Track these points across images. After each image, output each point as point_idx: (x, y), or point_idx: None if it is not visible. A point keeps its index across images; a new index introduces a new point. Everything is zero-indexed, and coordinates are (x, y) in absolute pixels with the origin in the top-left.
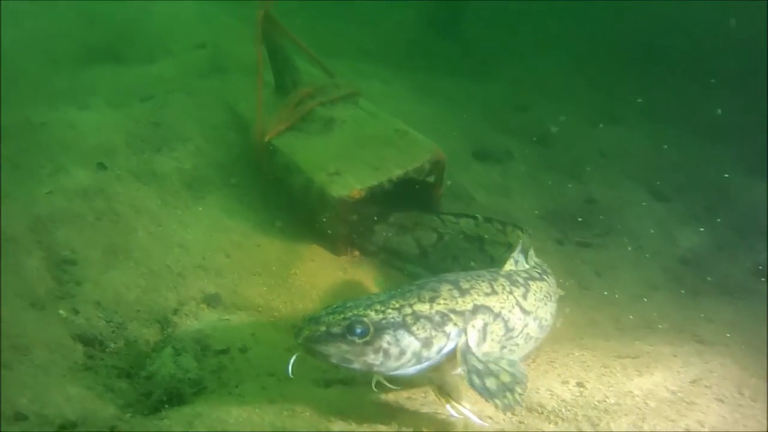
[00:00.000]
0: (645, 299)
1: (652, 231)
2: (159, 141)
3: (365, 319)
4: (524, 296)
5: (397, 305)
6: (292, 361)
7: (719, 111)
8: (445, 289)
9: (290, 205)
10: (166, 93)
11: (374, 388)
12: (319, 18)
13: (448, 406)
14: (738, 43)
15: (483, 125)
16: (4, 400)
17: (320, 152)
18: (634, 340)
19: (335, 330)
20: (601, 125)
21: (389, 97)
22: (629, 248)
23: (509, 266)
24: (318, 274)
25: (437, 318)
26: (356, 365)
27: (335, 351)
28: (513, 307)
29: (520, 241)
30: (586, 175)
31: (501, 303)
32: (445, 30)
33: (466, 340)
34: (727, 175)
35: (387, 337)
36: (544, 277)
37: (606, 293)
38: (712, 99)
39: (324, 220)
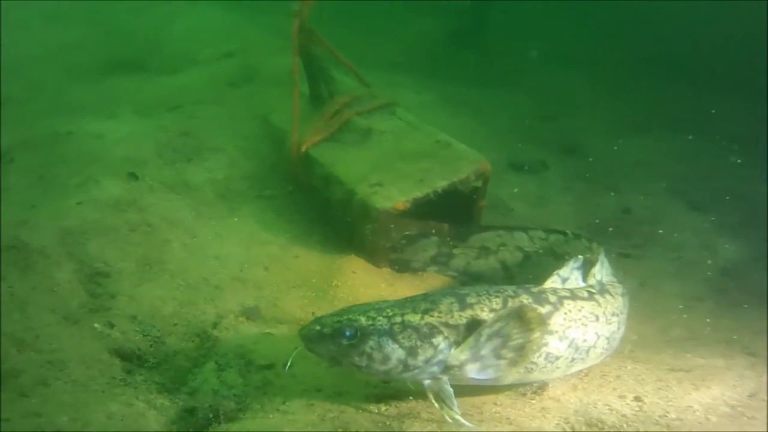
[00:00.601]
0: (690, 311)
1: (690, 241)
2: (190, 151)
3: (355, 324)
4: (548, 315)
5: (390, 313)
6: (293, 356)
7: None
8: (446, 302)
9: (328, 217)
10: (195, 103)
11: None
12: (344, 29)
13: (438, 409)
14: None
15: (514, 136)
16: (44, 417)
17: (360, 163)
18: (685, 352)
19: (327, 331)
20: (619, 134)
21: (421, 107)
22: (669, 259)
23: (550, 283)
24: (360, 286)
25: (425, 329)
26: (344, 365)
27: (325, 350)
28: None
29: (568, 258)
30: (620, 185)
31: None
32: (466, 41)
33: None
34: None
35: (371, 343)
36: (596, 296)
37: (652, 305)
38: (735, 109)
39: (366, 232)
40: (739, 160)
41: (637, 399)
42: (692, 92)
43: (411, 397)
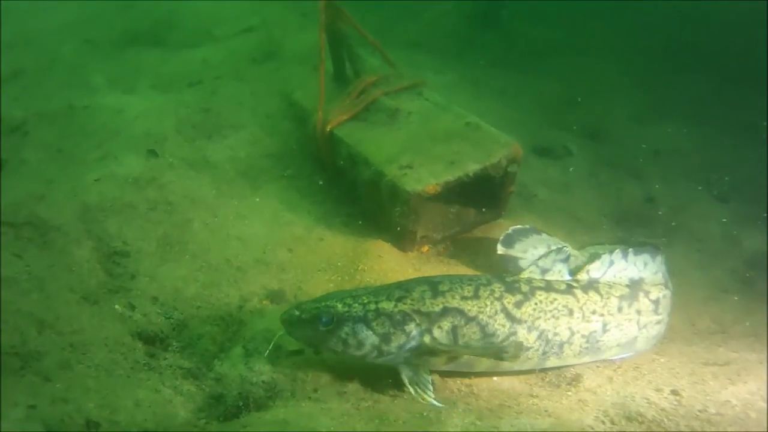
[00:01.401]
0: (717, 302)
1: (713, 231)
2: (210, 128)
3: (331, 310)
4: (518, 304)
5: (365, 301)
6: (274, 340)
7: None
8: (418, 290)
9: (353, 198)
10: (216, 78)
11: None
12: (363, 6)
13: (413, 393)
14: None
15: (538, 120)
16: (71, 403)
17: (389, 144)
18: (716, 345)
19: (305, 317)
20: (642, 120)
21: (443, 88)
22: (693, 249)
23: (527, 273)
24: (387, 270)
25: (398, 317)
26: (322, 350)
27: (304, 335)
28: (495, 314)
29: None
30: (643, 172)
31: (479, 307)
32: (486, 22)
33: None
34: None
35: (346, 329)
36: (576, 291)
37: (677, 295)
38: (761, 99)
39: (395, 215)
40: (763, 151)
41: (674, 393)
42: (717, 81)
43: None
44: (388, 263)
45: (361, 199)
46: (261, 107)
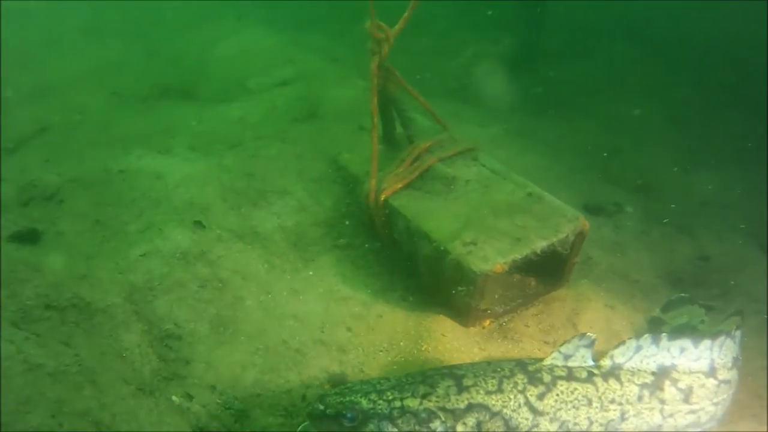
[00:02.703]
0: None
1: None
2: (255, 194)
3: (357, 407)
4: (540, 396)
5: (390, 397)
6: (299, 430)
7: None
8: (443, 385)
9: (409, 270)
10: (256, 139)
11: None
12: (397, 53)
13: None
14: None
15: (584, 173)
16: None
17: (449, 218)
18: None
19: (330, 411)
20: (685, 168)
21: (489, 143)
22: (751, 312)
23: (549, 360)
24: (451, 351)
25: (423, 414)
26: None
27: (328, 429)
28: (519, 407)
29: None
30: (694, 228)
31: (503, 402)
32: (522, 63)
33: None
34: None
35: (371, 426)
36: (596, 379)
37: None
38: None
39: (460, 294)
40: None
41: None
42: (758, 121)
43: None
44: (451, 343)
45: (419, 273)
46: (306, 171)
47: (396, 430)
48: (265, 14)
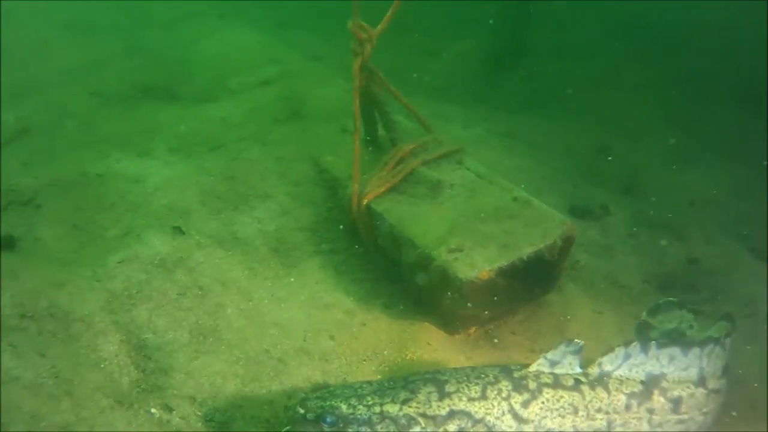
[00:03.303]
0: None
1: (762, 295)
2: (236, 198)
3: (336, 411)
4: (525, 404)
5: (370, 402)
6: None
7: None
8: (424, 391)
9: (393, 276)
10: (238, 141)
11: None
12: (374, 52)
13: None
14: None
15: (570, 174)
16: None
17: (434, 223)
18: None
19: (309, 416)
20: (674, 166)
21: (472, 144)
22: (741, 315)
23: (535, 366)
24: (437, 360)
25: (403, 420)
26: None
27: None
28: (503, 414)
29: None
30: (682, 229)
31: (487, 409)
32: (506, 62)
33: None
34: None
35: (351, 431)
36: (582, 387)
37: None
38: None
39: (445, 301)
40: None
41: None
42: (748, 116)
43: None
44: (437, 351)
45: (404, 279)
46: (288, 174)
47: None
48: (248, 12)
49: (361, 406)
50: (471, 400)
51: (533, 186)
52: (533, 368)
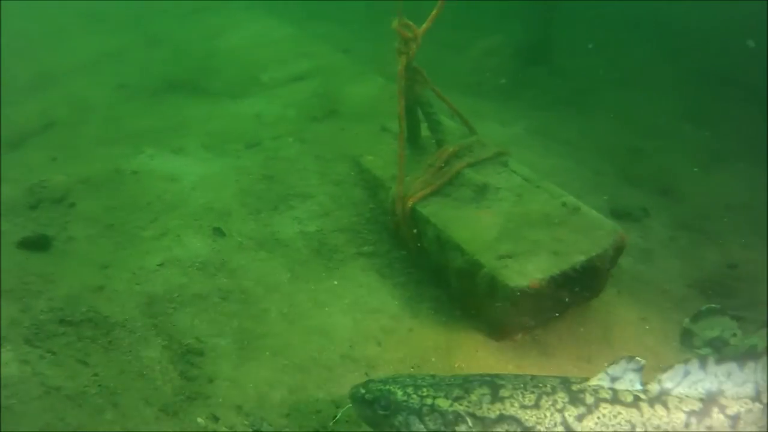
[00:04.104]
0: None
1: None
2: (275, 198)
3: (391, 397)
4: (579, 417)
5: (424, 393)
6: (341, 411)
7: None
8: (477, 392)
9: (438, 280)
10: (275, 139)
11: None
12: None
13: None
14: None
15: (608, 175)
16: None
17: (481, 228)
18: None
19: (368, 397)
20: (704, 168)
21: (511, 143)
22: None
23: (595, 380)
24: (486, 368)
25: (450, 417)
26: (378, 430)
27: (364, 413)
28: (555, 426)
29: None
30: (721, 233)
31: (538, 418)
32: (535, 58)
33: None
34: None
35: (400, 418)
36: (641, 404)
37: None
38: None
39: (495, 309)
40: None
41: None
42: None
43: None
44: (485, 359)
45: (449, 284)
46: (328, 173)
47: (422, 426)
48: (267, 3)
49: (415, 396)
50: (523, 407)
51: (574, 187)
52: (593, 382)
